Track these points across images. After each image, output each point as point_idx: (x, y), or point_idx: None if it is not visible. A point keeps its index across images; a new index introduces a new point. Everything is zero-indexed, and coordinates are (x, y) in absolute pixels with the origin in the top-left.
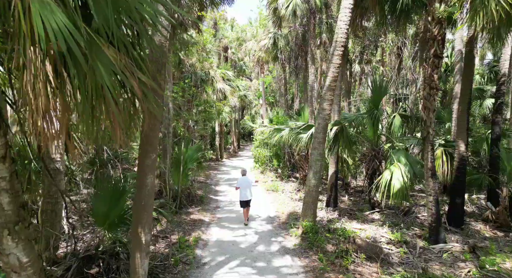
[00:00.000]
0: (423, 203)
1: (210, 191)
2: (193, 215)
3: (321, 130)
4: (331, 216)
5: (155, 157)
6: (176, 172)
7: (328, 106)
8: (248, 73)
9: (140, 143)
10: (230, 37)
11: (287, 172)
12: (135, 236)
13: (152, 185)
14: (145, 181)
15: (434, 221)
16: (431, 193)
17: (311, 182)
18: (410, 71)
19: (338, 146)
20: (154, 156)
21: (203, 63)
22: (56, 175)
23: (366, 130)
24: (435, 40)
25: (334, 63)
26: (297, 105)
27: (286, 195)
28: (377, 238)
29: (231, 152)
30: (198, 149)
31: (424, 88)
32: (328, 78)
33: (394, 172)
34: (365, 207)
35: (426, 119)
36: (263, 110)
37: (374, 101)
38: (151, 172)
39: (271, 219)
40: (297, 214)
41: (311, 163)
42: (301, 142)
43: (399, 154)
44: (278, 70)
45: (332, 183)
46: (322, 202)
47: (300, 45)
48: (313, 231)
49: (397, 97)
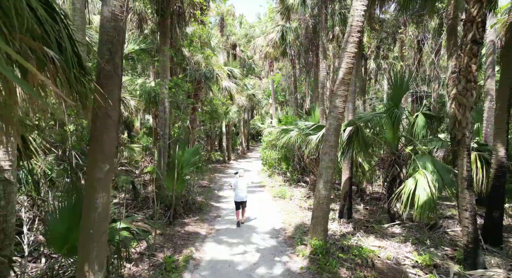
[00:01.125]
0: (450, 214)
1: (212, 197)
2: (188, 226)
3: (333, 131)
4: (345, 229)
5: (109, 169)
6: (170, 178)
7: (342, 103)
8: (258, 71)
9: (89, 150)
10: (238, 34)
11: (296, 176)
12: (80, 277)
13: (105, 207)
14: (94, 201)
15: (471, 242)
16: (467, 207)
17: (321, 193)
18: (433, 66)
19: (352, 149)
20: (107, 168)
21: (208, 60)
22: (6, 187)
23: (385, 132)
24: (474, 22)
25: (348, 51)
26: (308, 105)
27: (295, 202)
28: (400, 259)
29: (240, 153)
30: (195, 152)
31: (458, 82)
32: (342, 70)
33: (419, 180)
34: (384, 218)
35: (462, 118)
36: (273, 109)
37: (394, 98)
38: (103, 189)
39: (276, 233)
40: (306, 226)
41: (320, 170)
42: (310, 145)
43: (424, 159)
44: (287, 66)
45: (346, 192)
46: (334, 212)
47: (311, 38)
48: (323, 252)
49: (418, 94)
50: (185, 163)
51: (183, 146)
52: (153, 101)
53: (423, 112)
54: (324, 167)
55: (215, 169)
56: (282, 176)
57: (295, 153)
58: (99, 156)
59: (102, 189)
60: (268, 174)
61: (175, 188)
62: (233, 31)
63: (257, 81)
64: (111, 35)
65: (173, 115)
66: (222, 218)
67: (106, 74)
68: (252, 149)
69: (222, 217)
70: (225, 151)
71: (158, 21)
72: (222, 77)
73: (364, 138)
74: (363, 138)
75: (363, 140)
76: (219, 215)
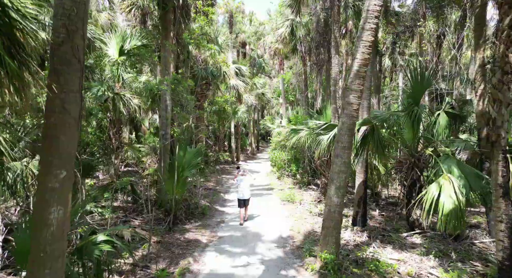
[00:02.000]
0: (476, 222)
1: (218, 200)
2: (189, 233)
3: (346, 131)
4: (359, 239)
5: (66, 177)
6: (170, 181)
7: (356, 99)
8: (268, 70)
9: (40, 152)
10: (248, 32)
11: (306, 179)
12: None
13: (61, 223)
14: (47, 217)
15: (506, 258)
16: (503, 218)
17: (332, 201)
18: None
19: (367, 150)
20: (64, 175)
21: (214, 56)
22: None
23: (403, 132)
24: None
25: (364, 40)
26: (319, 104)
27: (305, 207)
28: (423, 276)
29: (249, 154)
30: (198, 153)
31: (492, 74)
32: (357, 61)
33: (443, 186)
34: (402, 226)
35: (496, 116)
36: (283, 109)
37: (414, 95)
38: (59, 201)
39: (283, 241)
40: (316, 234)
41: (332, 175)
42: (321, 146)
43: (449, 162)
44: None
45: (361, 197)
46: (347, 218)
47: (322, 33)
48: (335, 267)
49: (438, 92)
50: (187, 165)
51: (185, 147)
52: (157, 99)
53: (446, 110)
54: (336, 172)
55: (223, 170)
56: (291, 178)
57: (305, 154)
58: (55, 160)
59: (57, 201)
60: (277, 176)
61: (175, 191)
62: (243, 29)
63: (268, 80)
64: (68, 8)
65: (178, 114)
66: (226, 224)
67: (61, 57)
68: (262, 150)
69: (226, 223)
70: (233, 151)
71: (160, 14)
72: (229, 75)
73: (380, 138)
74: (379, 138)
75: (379, 140)
76: (223, 221)
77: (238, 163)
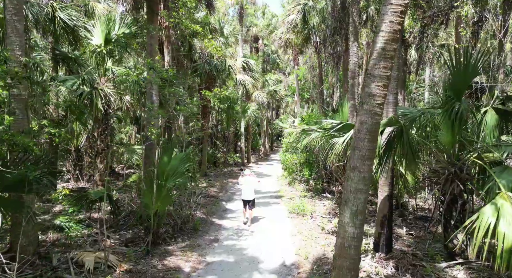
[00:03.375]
0: None
1: (217, 210)
2: (171, 257)
3: (366, 134)
4: (383, 271)
5: None
6: (149, 192)
7: (380, 89)
8: (283, 67)
9: None
10: (261, 25)
11: (320, 185)
12: None
13: None
14: None
15: None
16: None
17: (346, 232)
18: (498, 50)
19: (392, 157)
20: None
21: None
22: None
23: (440, 134)
24: None
25: (394, 3)
26: (336, 101)
27: (316, 221)
28: None
29: (262, 155)
30: (186, 158)
31: None
32: (381, 35)
33: (503, 209)
34: (437, 251)
35: None
36: (297, 107)
37: (455, 88)
38: None
39: (286, 271)
40: (328, 261)
41: (346, 195)
42: (335, 150)
43: (509, 176)
44: (312, 55)
45: (384, 215)
46: (367, 239)
47: (339, 18)
48: None
49: (479, 86)
50: (172, 173)
51: (170, 151)
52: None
53: (495, 107)
54: (351, 191)
55: (230, 173)
56: (304, 184)
57: (319, 157)
58: None
59: None
60: (288, 181)
61: (154, 205)
62: (255, 22)
63: (282, 77)
64: None
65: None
66: (219, 243)
67: None
68: (276, 151)
69: (220, 242)
70: (243, 152)
71: None
72: (235, 69)
73: (410, 142)
74: (409, 142)
75: (409, 145)
76: (217, 239)
77: (249, 165)
